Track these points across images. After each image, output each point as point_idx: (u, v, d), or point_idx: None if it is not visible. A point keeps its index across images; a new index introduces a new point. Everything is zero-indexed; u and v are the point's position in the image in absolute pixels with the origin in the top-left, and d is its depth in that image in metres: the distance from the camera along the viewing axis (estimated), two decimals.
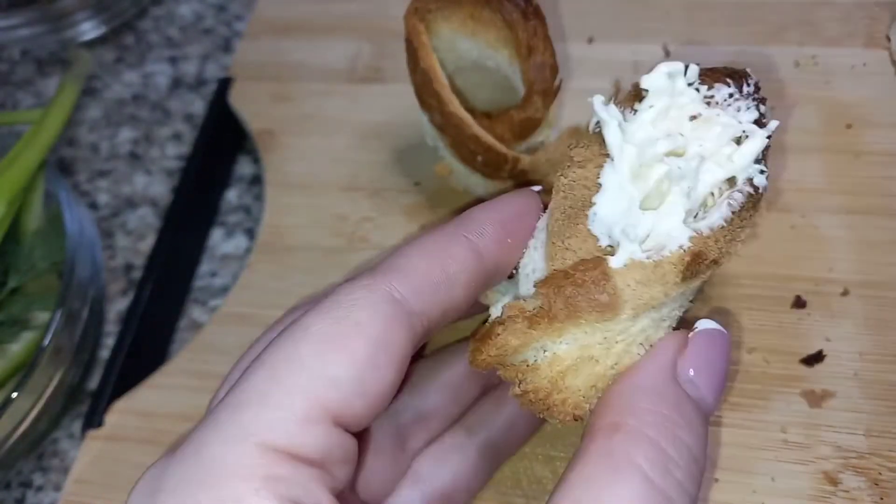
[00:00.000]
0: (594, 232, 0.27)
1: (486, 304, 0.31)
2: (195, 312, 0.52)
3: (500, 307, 0.29)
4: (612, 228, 0.27)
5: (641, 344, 0.27)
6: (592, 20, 0.54)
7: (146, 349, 0.48)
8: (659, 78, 0.29)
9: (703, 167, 0.27)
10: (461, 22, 0.40)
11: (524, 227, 0.30)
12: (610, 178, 0.27)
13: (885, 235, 0.43)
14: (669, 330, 0.28)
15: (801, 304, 0.42)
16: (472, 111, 0.40)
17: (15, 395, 0.43)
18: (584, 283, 0.26)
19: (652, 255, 0.26)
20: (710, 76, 0.29)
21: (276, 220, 0.51)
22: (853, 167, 0.46)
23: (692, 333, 0.28)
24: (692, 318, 0.29)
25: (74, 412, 0.49)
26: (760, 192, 0.28)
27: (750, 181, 0.28)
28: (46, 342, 0.43)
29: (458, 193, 0.47)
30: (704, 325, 0.28)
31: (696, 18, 0.53)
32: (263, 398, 0.24)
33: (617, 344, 0.27)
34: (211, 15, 0.66)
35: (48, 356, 0.44)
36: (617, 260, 0.26)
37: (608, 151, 0.28)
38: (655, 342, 0.28)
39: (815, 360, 0.40)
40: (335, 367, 0.25)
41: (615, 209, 0.27)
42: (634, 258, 0.26)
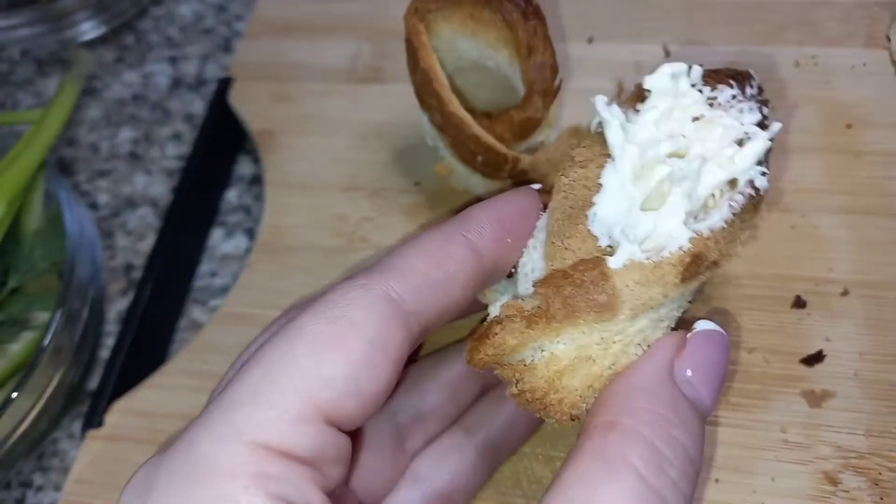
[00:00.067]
0: (594, 232, 0.27)
1: (484, 303, 0.31)
2: (195, 312, 0.52)
3: (498, 306, 0.29)
4: (612, 229, 0.27)
5: (639, 344, 0.27)
6: (592, 20, 0.54)
7: (146, 349, 0.48)
8: (662, 79, 0.29)
9: (704, 168, 0.27)
10: (461, 22, 0.40)
11: (523, 226, 0.30)
12: (611, 178, 0.27)
13: (885, 235, 0.43)
14: (668, 330, 0.28)
15: (801, 304, 0.42)
16: (472, 111, 0.39)
17: (15, 395, 0.43)
18: (582, 283, 0.26)
19: (651, 255, 0.26)
20: (713, 77, 0.29)
21: (276, 220, 0.51)
22: (853, 167, 0.46)
23: (690, 334, 0.28)
24: (691, 318, 0.29)
25: (74, 412, 0.49)
26: (761, 193, 0.28)
27: (751, 183, 0.28)
28: (46, 342, 0.43)
29: (458, 193, 0.47)
30: (703, 325, 0.28)
31: (696, 18, 0.53)
32: (256, 397, 0.24)
33: (614, 344, 0.27)
34: (211, 15, 0.66)
35: (48, 356, 0.44)
36: (616, 260, 0.26)
37: (610, 151, 0.28)
38: (653, 342, 0.28)
39: (815, 360, 0.40)
40: (329, 366, 0.25)
41: (616, 209, 0.27)
42: (634, 259, 0.26)
